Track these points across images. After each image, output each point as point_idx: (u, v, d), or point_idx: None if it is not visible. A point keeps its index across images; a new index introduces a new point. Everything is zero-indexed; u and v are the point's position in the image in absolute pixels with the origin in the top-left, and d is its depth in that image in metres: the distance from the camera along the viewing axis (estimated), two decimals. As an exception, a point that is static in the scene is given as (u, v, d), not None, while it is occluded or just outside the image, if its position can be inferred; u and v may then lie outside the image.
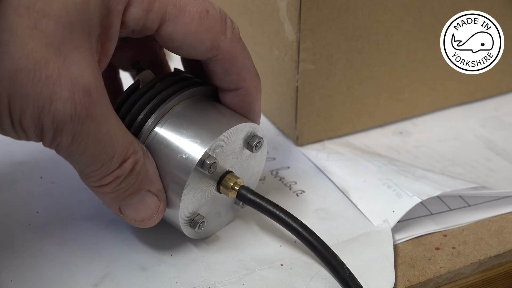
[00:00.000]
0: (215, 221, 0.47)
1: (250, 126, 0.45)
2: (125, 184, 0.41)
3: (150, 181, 0.42)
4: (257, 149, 0.46)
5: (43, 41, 0.36)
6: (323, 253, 0.44)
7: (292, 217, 0.45)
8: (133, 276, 0.44)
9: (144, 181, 0.42)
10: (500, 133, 0.59)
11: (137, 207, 0.42)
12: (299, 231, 0.44)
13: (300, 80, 0.54)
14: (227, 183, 0.45)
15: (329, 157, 0.55)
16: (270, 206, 0.45)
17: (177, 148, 0.43)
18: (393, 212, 0.48)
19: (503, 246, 0.48)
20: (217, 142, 0.43)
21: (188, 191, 0.43)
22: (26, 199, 0.50)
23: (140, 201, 0.42)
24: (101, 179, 0.40)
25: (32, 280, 0.44)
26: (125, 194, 0.42)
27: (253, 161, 0.47)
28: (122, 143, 0.40)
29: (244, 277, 0.44)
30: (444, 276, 0.46)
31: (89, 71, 0.37)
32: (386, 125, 0.60)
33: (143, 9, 0.40)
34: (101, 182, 0.40)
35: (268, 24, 0.55)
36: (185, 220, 0.44)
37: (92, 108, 0.37)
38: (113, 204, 0.43)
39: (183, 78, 0.46)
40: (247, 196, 0.45)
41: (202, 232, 0.46)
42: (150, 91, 0.44)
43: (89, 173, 0.40)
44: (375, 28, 0.55)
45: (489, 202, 0.51)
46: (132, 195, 0.42)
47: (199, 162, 0.42)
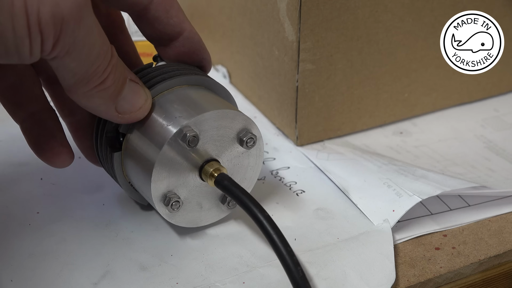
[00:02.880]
0: (195, 212, 0.46)
1: (243, 119, 0.45)
2: (118, 73, 0.41)
3: (127, 69, 0.43)
4: (248, 145, 0.45)
5: None
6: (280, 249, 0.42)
7: (259, 208, 0.43)
8: (133, 276, 0.44)
9: (124, 68, 0.43)
10: (500, 133, 0.60)
11: (130, 97, 0.43)
12: (262, 223, 0.42)
13: (300, 80, 0.54)
14: (208, 168, 0.44)
15: (329, 157, 0.55)
16: (241, 194, 0.43)
17: (162, 119, 0.43)
18: (393, 211, 0.48)
19: (503, 246, 0.48)
20: (201, 118, 0.43)
21: (163, 161, 0.43)
22: (26, 200, 0.50)
23: (130, 90, 0.43)
24: (103, 72, 0.40)
25: (32, 280, 0.44)
26: (119, 83, 0.42)
27: (245, 162, 0.47)
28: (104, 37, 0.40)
29: (244, 275, 0.44)
30: (444, 276, 0.46)
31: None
32: (386, 125, 0.60)
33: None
34: (104, 76, 0.40)
35: (268, 24, 0.55)
36: (159, 195, 0.44)
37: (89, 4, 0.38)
38: (110, 104, 0.43)
39: (193, 68, 0.47)
40: (224, 182, 0.44)
41: (179, 216, 0.45)
42: (158, 70, 0.45)
43: (94, 70, 0.40)
44: (375, 28, 0.55)
45: (489, 202, 0.51)
46: (123, 84, 0.42)
47: (177, 132, 0.42)
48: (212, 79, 0.47)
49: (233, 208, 0.47)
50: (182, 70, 0.46)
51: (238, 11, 0.59)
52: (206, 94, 0.46)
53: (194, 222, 0.47)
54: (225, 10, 0.61)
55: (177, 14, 0.46)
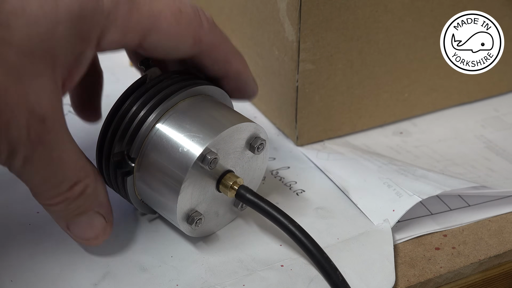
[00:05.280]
0: (213, 220, 0.47)
1: (253, 126, 0.45)
2: (73, 206, 0.42)
3: (100, 203, 0.43)
4: (259, 150, 0.46)
5: (4, 69, 0.36)
6: (317, 257, 0.44)
7: (289, 219, 0.44)
8: (133, 277, 0.44)
9: (94, 203, 0.43)
10: (500, 133, 0.59)
11: (83, 226, 0.43)
12: (295, 233, 0.44)
13: (300, 80, 0.54)
14: (227, 181, 0.45)
15: (329, 157, 0.55)
16: (268, 207, 0.45)
17: (178, 142, 0.43)
18: (393, 211, 0.48)
19: (503, 246, 0.48)
20: (219, 138, 0.43)
21: (187, 185, 0.43)
22: (26, 200, 0.50)
23: (87, 221, 0.43)
24: (50, 198, 0.41)
25: (32, 280, 0.44)
26: (73, 213, 0.42)
27: (254, 164, 0.47)
28: (74, 167, 0.41)
29: (244, 278, 0.44)
30: (444, 276, 0.46)
31: (47, 99, 0.38)
32: (386, 125, 0.60)
33: (119, 32, 0.40)
34: (50, 202, 0.41)
35: (268, 24, 0.55)
36: (183, 215, 0.44)
37: (45, 135, 0.38)
38: (60, 221, 0.43)
39: (188, 77, 0.46)
40: (246, 195, 0.45)
41: (199, 230, 0.46)
42: (156, 87, 0.44)
43: (39, 192, 0.41)
44: (375, 28, 0.55)
45: (489, 202, 0.51)
46: (79, 215, 0.43)
47: (199, 157, 0.42)
48: (207, 82, 0.46)
49: (244, 209, 0.48)
50: (180, 82, 0.45)
51: (238, 11, 0.59)
52: (212, 106, 0.45)
53: (211, 231, 0.47)
54: (225, 10, 0.61)
55: (223, 59, 0.45)
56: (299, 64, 0.53)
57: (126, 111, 0.44)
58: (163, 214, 0.46)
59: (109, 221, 0.44)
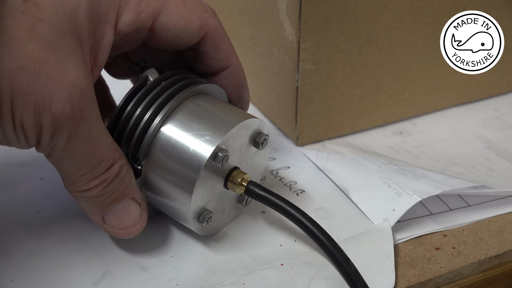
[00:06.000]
0: (220, 218, 0.47)
1: (257, 122, 0.45)
2: (110, 188, 0.42)
3: (133, 188, 0.43)
4: (263, 146, 0.46)
5: (41, 43, 0.36)
6: (330, 248, 0.44)
7: (300, 211, 0.45)
8: (133, 276, 0.44)
9: (128, 187, 0.43)
10: (500, 133, 0.59)
11: (121, 214, 0.43)
12: (307, 225, 0.44)
13: (300, 80, 0.54)
14: (235, 178, 0.45)
15: (329, 156, 0.55)
16: (279, 201, 0.45)
17: (188, 142, 0.43)
18: (393, 211, 0.48)
19: (503, 246, 0.48)
20: (228, 136, 0.43)
21: (200, 184, 0.43)
22: (26, 200, 0.50)
23: (124, 208, 0.43)
24: (88, 182, 0.41)
25: (32, 280, 0.44)
26: (110, 198, 0.42)
27: (257, 159, 0.47)
28: (111, 147, 0.41)
29: (244, 277, 0.44)
30: (444, 276, 0.46)
31: (84, 75, 0.38)
32: (386, 125, 0.60)
33: (133, 12, 0.41)
34: (89, 186, 0.41)
35: (268, 24, 0.55)
36: (194, 215, 0.44)
37: (86, 110, 0.38)
38: (96, 212, 0.43)
39: (187, 76, 0.46)
40: (256, 191, 0.45)
41: (208, 228, 0.46)
42: (158, 87, 0.45)
43: (77, 177, 0.41)
44: (375, 28, 0.55)
45: (489, 202, 0.51)
46: (116, 200, 0.42)
47: (212, 155, 0.42)
48: (206, 81, 0.47)
49: (248, 205, 0.48)
50: (180, 81, 0.45)
51: (238, 11, 0.59)
52: (216, 104, 0.46)
53: (218, 228, 0.48)
54: (225, 10, 0.61)
55: (226, 48, 0.46)
56: (299, 64, 0.53)
57: (131, 113, 0.44)
58: (172, 214, 0.46)
59: (144, 208, 0.44)
